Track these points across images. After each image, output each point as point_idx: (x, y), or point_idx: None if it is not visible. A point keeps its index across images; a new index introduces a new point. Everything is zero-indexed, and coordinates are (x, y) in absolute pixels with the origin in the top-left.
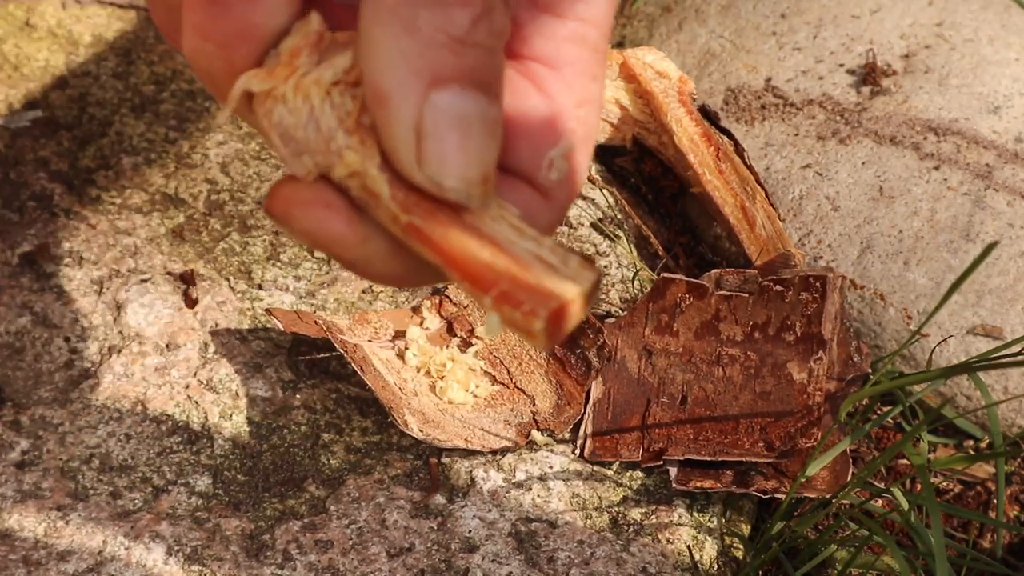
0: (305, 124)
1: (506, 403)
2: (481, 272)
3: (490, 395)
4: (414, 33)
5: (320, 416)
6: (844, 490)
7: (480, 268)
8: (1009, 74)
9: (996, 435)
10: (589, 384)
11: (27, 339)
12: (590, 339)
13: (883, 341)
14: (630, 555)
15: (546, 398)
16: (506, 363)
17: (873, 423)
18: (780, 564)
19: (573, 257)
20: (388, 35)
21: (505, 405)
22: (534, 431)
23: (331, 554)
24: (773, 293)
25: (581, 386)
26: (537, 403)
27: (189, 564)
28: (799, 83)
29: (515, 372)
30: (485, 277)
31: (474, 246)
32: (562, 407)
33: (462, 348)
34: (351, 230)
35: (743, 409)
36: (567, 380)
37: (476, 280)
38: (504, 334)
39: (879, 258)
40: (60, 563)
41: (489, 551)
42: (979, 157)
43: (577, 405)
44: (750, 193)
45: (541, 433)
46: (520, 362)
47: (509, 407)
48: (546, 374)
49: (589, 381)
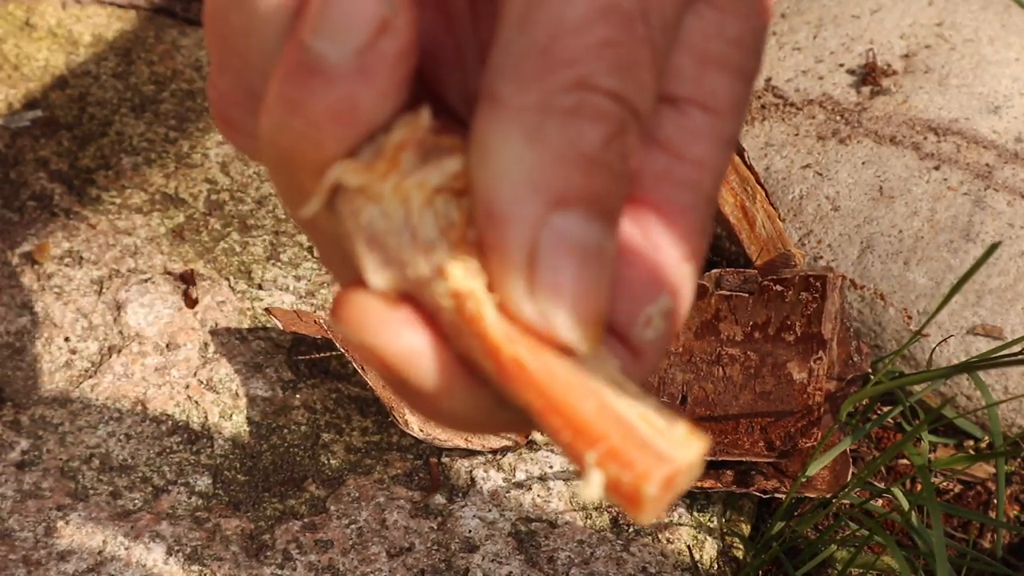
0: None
1: None
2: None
3: None
4: (539, 144)
5: (320, 416)
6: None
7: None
8: (1009, 74)
9: (996, 435)
10: None
11: (27, 339)
12: None
13: (883, 341)
14: (630, 555)
15: None
16: None
17: (873, 423)
18: (780, 564)
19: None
20: (509, 143)
21: None
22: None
23: (331, 554)
24: (773, 293)
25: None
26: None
27: (189, 564)
28: (799, 83)
29: None
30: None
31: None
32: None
33: None
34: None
35: (743, 409)
36: None
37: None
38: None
39: (879, 258)
40: (60, 563)
41: (489, 551)
42: (979, 157)
43: None
44: (750, 193)
45: (541, 433)
46: None
47: None
48: None
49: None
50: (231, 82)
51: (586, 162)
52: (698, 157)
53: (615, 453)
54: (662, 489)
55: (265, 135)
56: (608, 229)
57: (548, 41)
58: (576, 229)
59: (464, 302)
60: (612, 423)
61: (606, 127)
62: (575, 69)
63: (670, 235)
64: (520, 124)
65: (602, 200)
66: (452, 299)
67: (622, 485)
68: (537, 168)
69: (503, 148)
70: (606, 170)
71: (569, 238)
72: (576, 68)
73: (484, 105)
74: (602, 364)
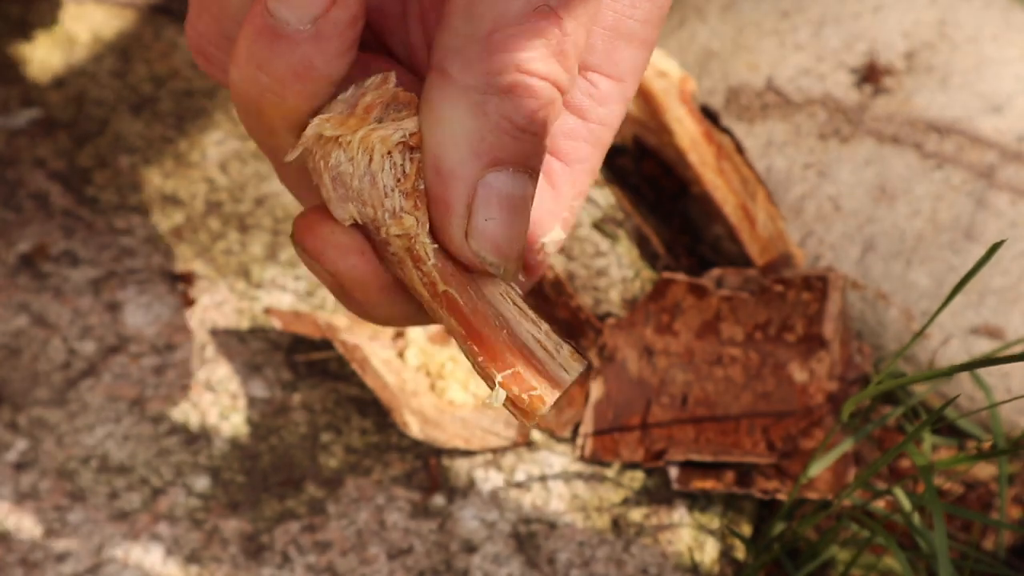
0: (362, 175)
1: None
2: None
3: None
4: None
5: (319, 416)
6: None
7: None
8: (1012, 73)
9: (998, 436)
10: (589, 384)
11: (24, 339)
12: (591, 339)
13: (885, 341)
14: (630, 556)
15: None
16: None
17: (875, 424)
18: (781, 565)
19: (565, 346)
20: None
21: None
22: (534, 431)
23: (330, 555)
24: (774, 293)
25: (581, 387)
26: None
27: (187, 565)
28: (800, 82)
29: None
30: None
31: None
32: (562, 408)
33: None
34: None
35: (744, 409)
36: None
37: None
38: None
39: (881, 258)
40: (58, 564)
41: (489, 552)
42: (981, 156)
43: (577, 406)
44: (751, 192)
45: (541, 433)
46: None
47: None
48: None
49: (589, 381)
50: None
51: (518, 131)
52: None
53: (518, 378)
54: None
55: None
56: (531, 181)
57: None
58: (505, 184)
59: (411, 243)
60: (518, 352)
61: (536, 103)
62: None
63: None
64: (466, 99)
65: (528, 160)
66: (401, 239)
67: (521, 402)
68: (478, 136)
69: (451, 118)
70: (533, 137)
71: (499, 191)
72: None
73: (435, 78)
74: (510, 293)
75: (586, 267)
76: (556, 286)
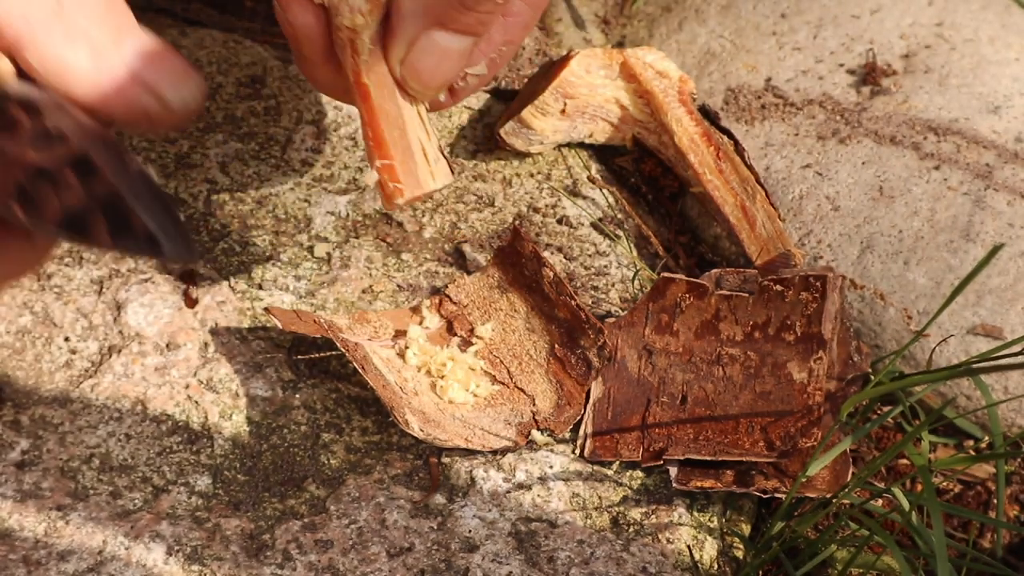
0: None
1: (506, 403)
2: (386, 144)
3: (490, 395)
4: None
5: (320, 416)
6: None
7: (387, 141)
8: (1009, 74)
9: (996, 435)
10: (589, 384)
11: (27, 339)
12: (591, 339)
13: (883, 341)
14: (630, 555)
15: (546, 398)
16: (506, 363)
17: (873, 423)
18: (780, 564)
19: (443, 160)
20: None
21: (505, 405)
22: (534, 431)
23: (331, 554)
24: (773, 293)
25: (581, 386)
26: (537, 403)
27: (189, 564)
28: (799, 83)
29: (515, 372)
30: (386, 149)
31: (390, 122)
32: (562, 407)
33: (462, 348)
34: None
35: (743, 409)
36: (567, 380)
37: (380, 146)
38: (504, 334)
39: (879, 258)
40: (60, 563)
41: (489, 551)
42: (979, 157)
43: (577, 405)
44: (750, 193)
45: (541, 433)
46: (520, 362)
47: (509, 407)
48: (546, 374)
49: (589, 381)
50: None
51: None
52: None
53: (391, 169)
54: (408, 200)
55: None
56: (469, 41)
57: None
58: (445, 40)
59: (355, 36)
60: (401, 149)
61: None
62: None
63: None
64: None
65: (472, 28)
66: (348, 31)
67: (387, 188)
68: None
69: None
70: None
71: (437, 45)
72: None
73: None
74: (421, 107)
75: (586, 267)
76: (556, 285)
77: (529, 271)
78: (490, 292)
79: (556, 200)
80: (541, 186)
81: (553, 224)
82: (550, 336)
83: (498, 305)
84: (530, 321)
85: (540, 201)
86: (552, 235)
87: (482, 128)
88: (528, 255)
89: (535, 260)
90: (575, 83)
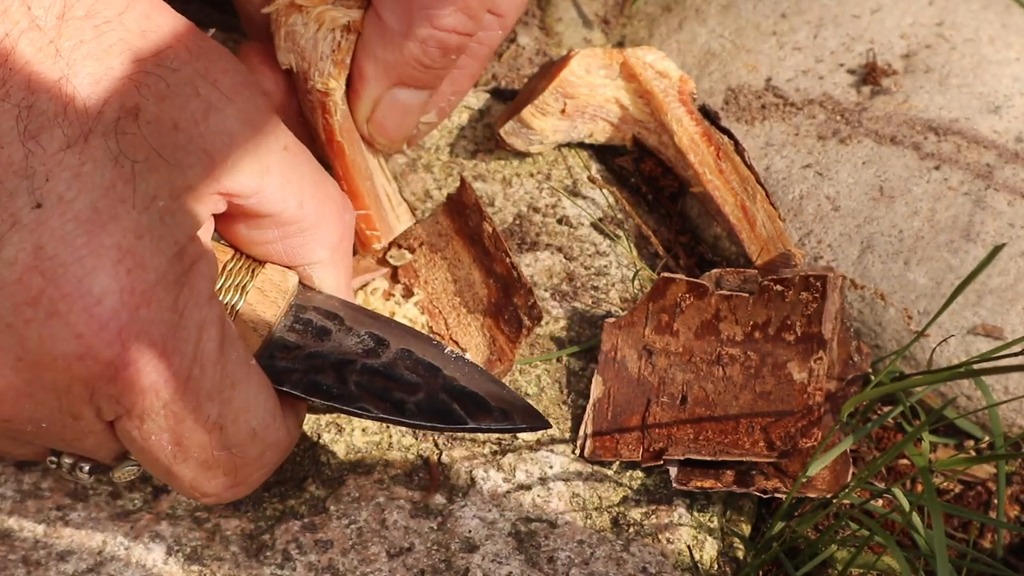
0: (309, 39)
1: None
2: (359, 194)
3: None
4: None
5: (320, 416)
6: (845, 490)
7: (360, 191)
8: (1010, 74)
9: (997, 435)
10: (520, 343)
11: None
12: (522, 298)
13: (883, 341)
14: (630, 555)
15: (479, 352)
16: (444, 313)
17: (874, 423)
18: (780, 564)
19: (403, 205)
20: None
21: None
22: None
23: (331, 554)
24: (773, 293)
25: (513, 343)
26: (469, 356)
27: (189, 564)
28: (799, 83)
29: (452, 323)
30: (360, 199)
31: (362, 177)
32: (493, 362)
33: (405, 296)
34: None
35: (743, 409)
36: (500, 336)
37: (354, 197)
38: (445, 283)
39: (879, 258)
40: (60, 563)
41: (489, 551)
42: (979, 157)
43: (508, 362)
44: (750, 193)
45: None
46: (458, 313)
47: None
48: (481, 327)
49: (520, 339)
50: None
51: (424, 68)
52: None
53: (368, 219)
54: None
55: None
56: (426, 94)
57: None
58: (405, 96)
59: (326, 99)
60: (373, 198)
61: (442, 51)
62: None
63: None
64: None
65: (428, 83)
66: (320, 94)
67: (363, 236)
68: (394, 66)
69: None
70: (437, 70)
71: (399, 101)
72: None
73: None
74: (381, 157)
75: (586, 267)
76: (494, 239)
77: (472, 223)
78: (438, 239)
79: (556, 200)
80: (541, 186)
81: (553, 224)
82: (488, 290)
83: (444, 253)
84: (472, 273)
85: (540, 201)
86: (552, 235)
87: (482, 128)
88: (471, 205)
89: (477, 212)
90: (575, 83)
